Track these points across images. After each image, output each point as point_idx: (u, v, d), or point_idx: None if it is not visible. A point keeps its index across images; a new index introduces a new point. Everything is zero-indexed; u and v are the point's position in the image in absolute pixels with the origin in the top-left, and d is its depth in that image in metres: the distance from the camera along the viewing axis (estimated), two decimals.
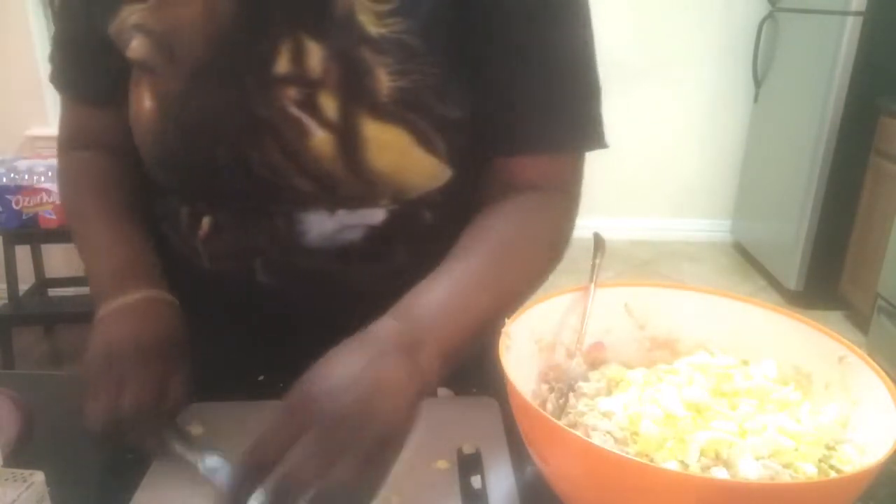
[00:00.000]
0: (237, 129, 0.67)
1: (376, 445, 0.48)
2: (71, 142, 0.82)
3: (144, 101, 0.69)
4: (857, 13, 2.57)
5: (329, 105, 0.65)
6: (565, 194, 0.71)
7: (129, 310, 0.67)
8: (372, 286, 0.73)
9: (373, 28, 0.64)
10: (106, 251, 0.73)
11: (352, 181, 0.67)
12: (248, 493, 0.47)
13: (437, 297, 0.58)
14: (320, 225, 0.70)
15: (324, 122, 0.65)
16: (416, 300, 0.57)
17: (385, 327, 0.54)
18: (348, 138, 0.65)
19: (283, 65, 0.65)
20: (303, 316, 0.73)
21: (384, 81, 0.64)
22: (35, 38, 2.76)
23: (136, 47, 0.68)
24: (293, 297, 0.74)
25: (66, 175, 0.81)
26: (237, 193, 0.70)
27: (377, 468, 0.48)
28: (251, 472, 0.47)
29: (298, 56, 0.64)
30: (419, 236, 0.73)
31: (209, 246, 0.74)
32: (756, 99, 3.37)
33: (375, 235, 0.71)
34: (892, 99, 2.57)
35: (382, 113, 0.64)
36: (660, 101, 3.49)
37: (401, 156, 0.66)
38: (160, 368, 0.63)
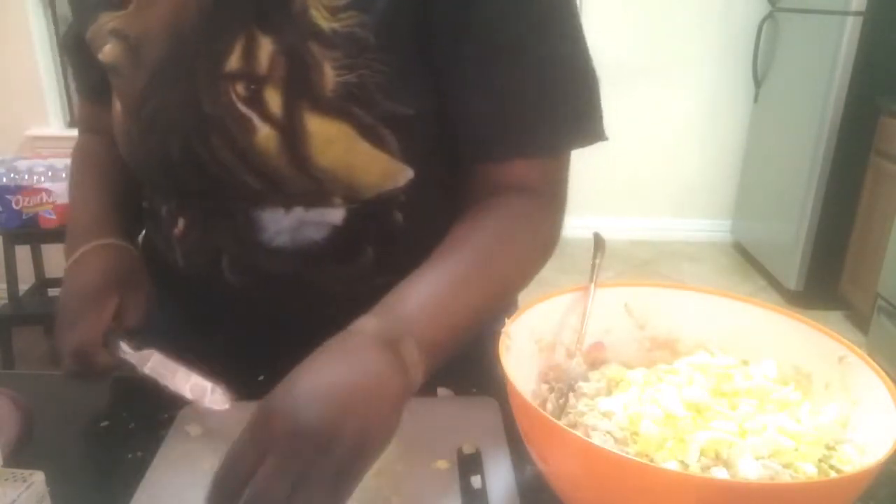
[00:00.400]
0: (187, 126, 0.67)
1: (345, 461, 0.46)
2: (80, 125, 0.90)
3: (116, 104, 0.72)
4: (857, 13, 2.57)
5: (273, 100, 0.64)
6: (553, 197, 0.69)
7: (83, 259, 0.73)
8: (344, 288, 0.73)
9: (325, 23, 0.62)
10: (78, 214, 0.80)
11: (298, 177, 0.66)
12: None
13: (421, 294, 0.57)
14: (276, 223, 0.70)
15: (268, 118, 0.64)
16: (400, 297, 0.57)
17: (366, 324, 0.53)
18: (292, 133, 0.64)
19: (234, 61, 0.65)
20: (279, 317, 0.73)
21: (330, 76, 0.63)
22: (35, 38, 2.77)
23: (108, 51, 0.69)
24: (263, 297, 0.74)
25: (73, 153, 0.88)
26: (196, 191, 0.72)
27: (346, 482, 0.47)
28: (221, 495, 0.45)
29: (250, 52, 0.64)
30: (388, 238, 0.72)
31: (183, 244, 0.75)
32: (756, 99, 3.37)
33: (339, 235, 0.70)
34: (892, 99, 2.57)
35: (326, 107, 0.63)
36: (660, 101, 3.49)
37: (346, 151, 0.65)
38: (104, 306, 0.69)
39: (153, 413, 0.70)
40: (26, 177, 2.26)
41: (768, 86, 3.26)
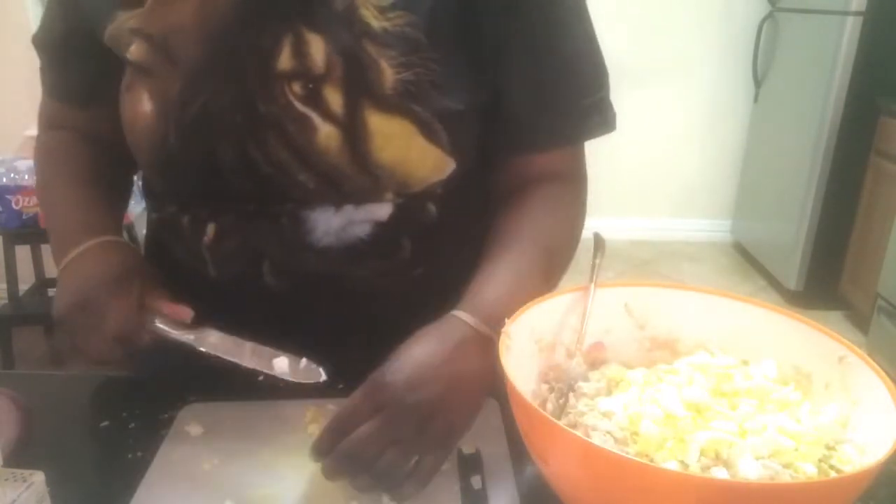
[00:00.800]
0: (240, 126, 0.67)
1: (432, 443, 0.56)
2: (46, 125, 0.85)
3: (142, 105, 0.69)
4: (857, 13, 2.57)
5: (334, 99, 0.65)
6: (581, 178, 0.78)
7: (87, 255, 0.71)
8: (382, 282, 0.74)
9: (375, 22, 0.64)
10: (63, 214, 0.77)
11: (357, 175, 0.67)
12: (324, 457, 0.55)
13: (499, 290, 0.65)
14: (326, 222, 0.71)
15: (329, 116, 0.65)
16: (482, 293, 0.64)
17: (463, 319, 0.61)
18: (354, 131, 0.65)
19: (285, 60, 0.65)
20: (310, 315, 0.73)
21: (389, 74, 0.64)
22: None
23: (135, 51, 0.68)
24: (300, 297, 0.74)
25: (38, 151, 0.84)
26: (241, 194, 0.70)
27: (434, 459, 0.56)
28: (328, 439, 0.55)
29: (300, 50, 0.65)
30: (424, 230, 0.73)
31: (214, 252, 0.73)
32: (756, 99, 3.36)
33: (382, 231, 0.71)
34: (892, 99, 2.57)
35: (387, 105, 0.65)
36: (660, 101, 3.49)
37: (405, 147, 0.66)
38: (131, 289, 0.67)
39: (153, 413, 0.70)
40: (26, 177, 2.26)
41: (768, 86, 3.26)
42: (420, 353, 0.58)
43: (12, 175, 2.26)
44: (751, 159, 3.47)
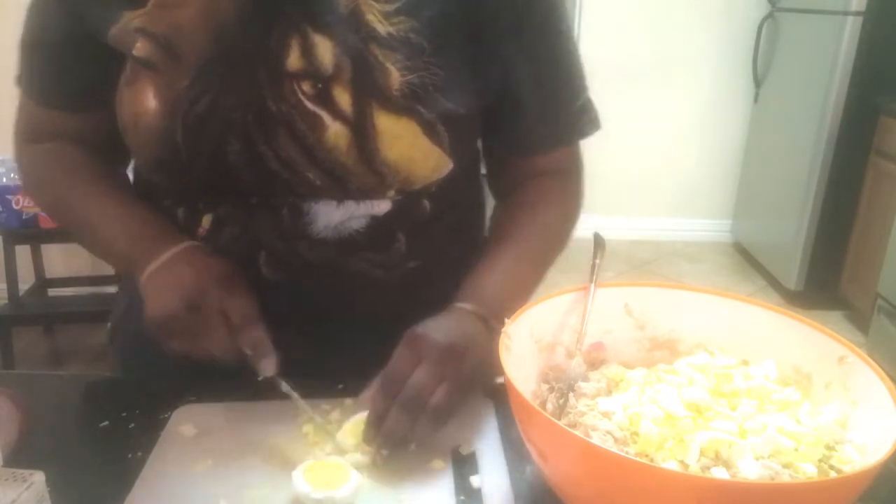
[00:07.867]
0: (249, 123, 0.68)
1: (473, 369, 0.63)
2: (30, 135, 0.80)
3: (146, 101, 0.68)
4: (857, 13, 2.57)
5: (343, 98, 0.66)
6: (578, 172, 0.83)
7: (181, 257, 0.69)
8: (374, 274, 0.75)
9: (380, 27, 0.66)
10: (120, 221, 0.74)
11: (363, 172, 0.68)
12: (387, 409, 0.60)
13: (497, 279, 0.72)
14: (327, 216, 0.72)
15: (338, 115, 0.66)
16: (482, 283, 0.72)
17: (464, 306, 0.68)
18: (362, 130, 0.67)
19: (294, 60, 0.66)
20: (306, 307, 0.74)
21: (395, 76, 0.66)
22: None
23: (141, 48, 0.68)
24: (296, 288, 0.74)
25: (33, 163, 0.80)
26: (244, 188, 0.71)
27: (470, 386, 0.64)
28: (383, 398, 0.61)
29: (308, 51, 0.66)
30: (418, 225, 0.75)
31: (209, 243, 0.74)
32: (756, 99, 3.36)
33: (378, 225, 0.73)
34: (892, 99, 2.57)
35: (394, 106, 0.67)
36: (660, 101, 3.48)
37: (410, 147, 0.68)
38: (237, 290, 0.68)
39: (153, 413, 0.70)
40: None
41: (768, 86, 3.26)
42: (439, 319, 0.66)
43: (12, 175, 2.26)
44: (751, 159, 3.47)
